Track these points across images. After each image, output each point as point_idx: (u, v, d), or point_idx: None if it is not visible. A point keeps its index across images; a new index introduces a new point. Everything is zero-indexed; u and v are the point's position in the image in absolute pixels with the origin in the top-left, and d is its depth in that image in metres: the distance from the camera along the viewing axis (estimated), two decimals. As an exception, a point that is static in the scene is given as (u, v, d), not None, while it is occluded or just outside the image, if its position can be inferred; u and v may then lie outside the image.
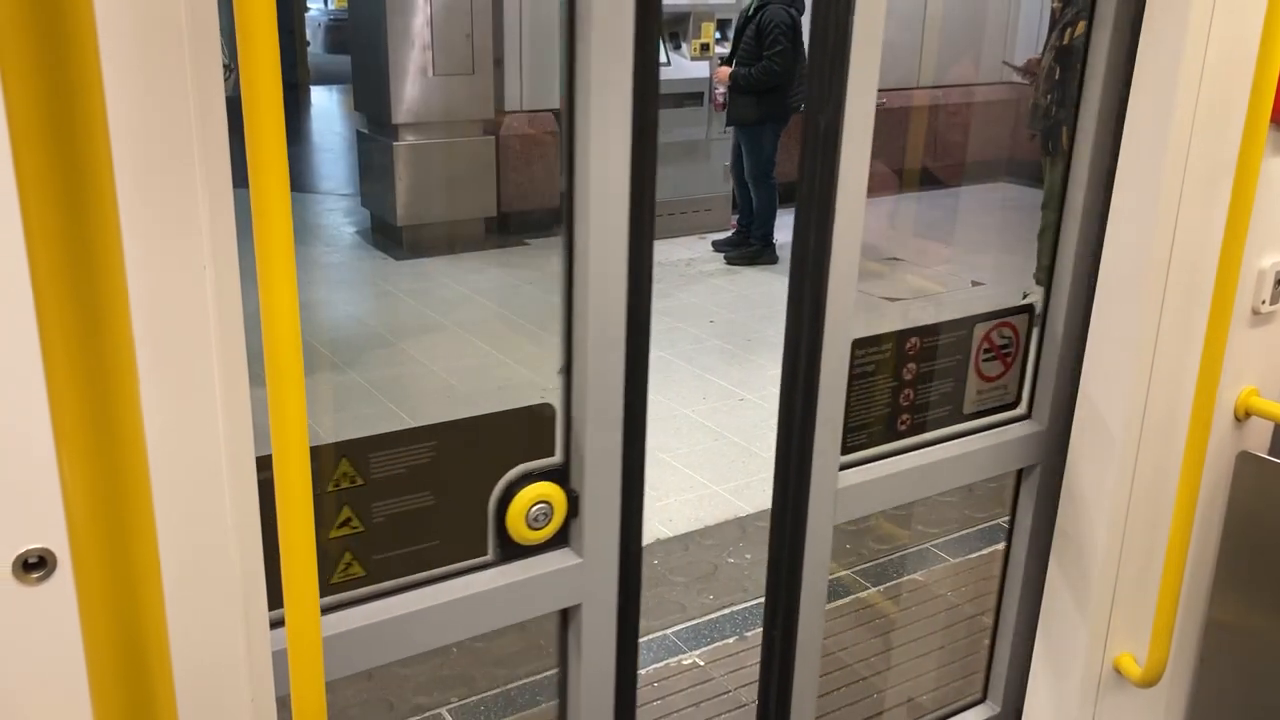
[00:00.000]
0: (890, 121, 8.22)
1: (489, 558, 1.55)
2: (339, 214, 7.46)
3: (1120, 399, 1.92)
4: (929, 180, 8.24)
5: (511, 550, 1.56)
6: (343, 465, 1.41)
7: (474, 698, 2.95)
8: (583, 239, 1.46)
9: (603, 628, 1.65)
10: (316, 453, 1.37)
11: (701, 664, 3.09)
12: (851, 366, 1.78)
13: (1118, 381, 1.92)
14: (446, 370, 5.09)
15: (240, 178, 1.02)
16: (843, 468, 1.85)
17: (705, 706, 2.91)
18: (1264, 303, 1.97)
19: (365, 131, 6.90)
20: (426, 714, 2.88)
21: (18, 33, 0.60)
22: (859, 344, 1.80)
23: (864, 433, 1.89)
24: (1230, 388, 1.99)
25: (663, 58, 7.05)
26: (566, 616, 1.66)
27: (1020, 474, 2.17)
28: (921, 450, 1.98)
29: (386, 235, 6.74)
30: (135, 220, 0.93)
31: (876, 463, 1.92)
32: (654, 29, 1.42)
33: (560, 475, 1.57)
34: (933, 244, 6.83)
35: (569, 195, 1.46)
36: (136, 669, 0.84)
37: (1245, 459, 2.06)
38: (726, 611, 3.32)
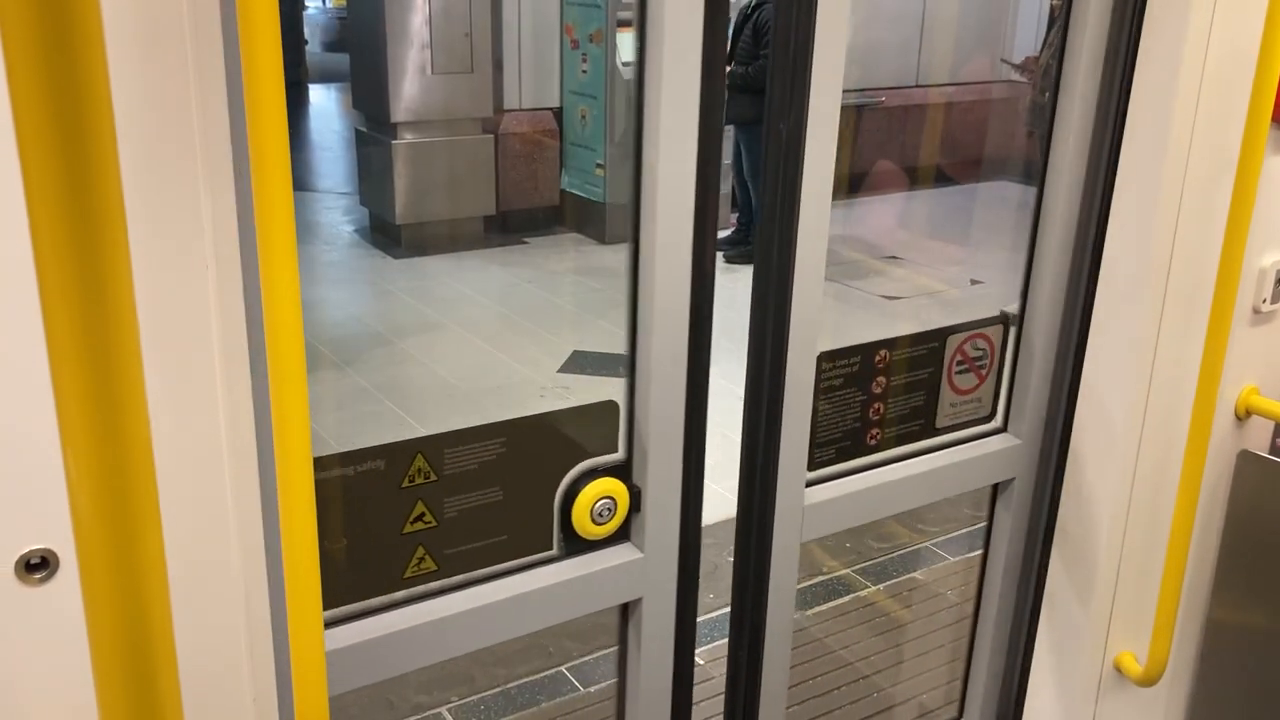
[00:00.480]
0: (888, 120, 8.23)
1: (554, 552, 1.58)
2: (337, 212, 7.45)
3: (1121, 398, 1.92)
4: (928, 179, 8.24)
5: (576, 545, 1.59)
6: (418, 461, 1.43)
7: (474, 696, 2.95)
8: (648, 240, 1.48)
9: (662, 621, 1.68)
10: (393, 449, 1.41)
11: (701, 663, 3.09)
12: (818, 380, 1.74)
13: (1118, 380, 1.92)
14: (446, 369, 5.09)
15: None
16: (809, 484, 1.80)
17: (705, 705, 2.91)
18: (1265, 301, 1.97)
19: (364, 130, 6.90)
20: (427, 713, 2.88)
21: (26, 35, 0.59)
22: (825, 357, 1.75)
23: (832, 448, 1.84)
24: (1231, 386, 2.00)
25: (662, 56, 7.03)
26: (627, 610, 1.68)
27: (996, 489, 2.12)
28: (892, 466, 1.92)
29: (385, 233, 6.74)
30: (139, 219, 0.93)
31: (845, 479, 1.86)
32: (723, 23, 1.43)
33: (623, 471, 1.59)
34: (930, 242, 6.83)
35: (635, 197, 1.49)
36: (142, 668, 0.84)
37: (1246, 458, 2.07)
38: (726, 611, 3.31)
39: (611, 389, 1.57)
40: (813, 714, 2.95)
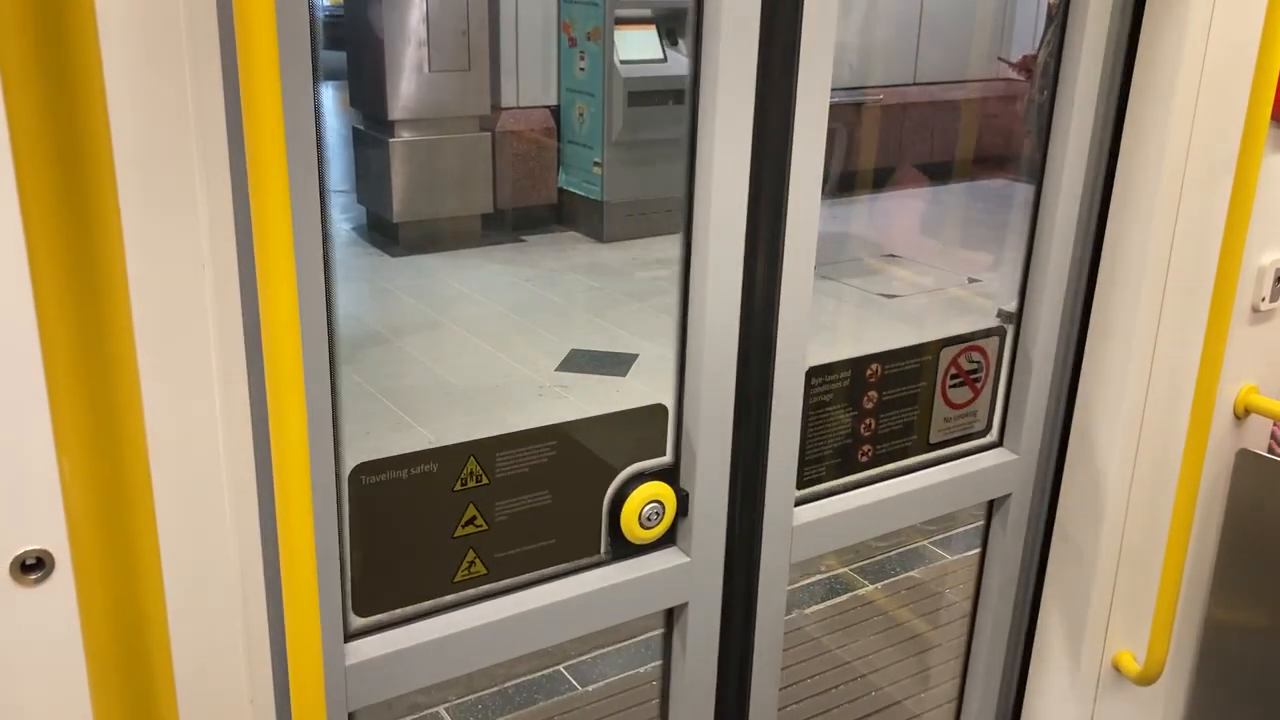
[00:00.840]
0: (885, 117, 8.22)
1: (601, 556, 1.58)
2: (335, 210, 7.43)
3: (1120, 396, 1.92)
4: (925, 177, 8.23)
5: (623, 549, 1.58)
6: (470, 464, 1.43)
7: (472, 696, 2.95)
8: (701, 243, 1.48)
9: (708, 625, 1.67)
10: (445, 452, 1.41)
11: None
12: (807, 396, 1.69)
13: (1118, 379, 1.92)
14: (444, 368, 5.08)
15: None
16: (798, 503, 1.75)
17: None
18: (1264, 300, 1.97)
19: (361, 128, 6.89)
20: (424, 712, 2.87)
21: (20, 34, 0.59)
22: (814, 372, 1.70)
23: (821, 466, 1.79)
24: (1230, 385, 1.99)
25: (659, 54, 7.05)
26: (672, 615, 1.67)
27: (991, 505, 2.08)
28: (885, 483, 1.88)
29: (382, 232, 6.72)
30: (134, 220, 0.92)
31: (835, 497, 1.82)
32: (784, 21, 1.42)
33: (670, 475, 1.59)
34: (929, 240, 6.82)
35: (688, 204, 1.48)
36: (137, 668, 0.84)
37: (1245, 456, 2.06)
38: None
39: (609, 388, 1.56)
40: (810, 714, 2.94)
